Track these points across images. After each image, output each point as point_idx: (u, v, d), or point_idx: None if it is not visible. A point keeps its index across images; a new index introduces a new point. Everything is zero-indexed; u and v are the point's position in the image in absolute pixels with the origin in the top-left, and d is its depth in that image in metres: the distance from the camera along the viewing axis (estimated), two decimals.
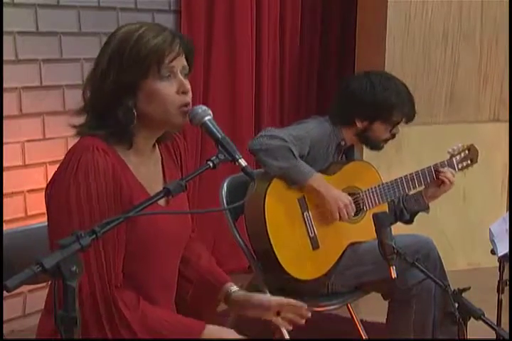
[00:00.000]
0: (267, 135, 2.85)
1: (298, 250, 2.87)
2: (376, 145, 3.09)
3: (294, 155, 2.82)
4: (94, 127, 1.80)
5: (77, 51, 3.74)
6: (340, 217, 2.90)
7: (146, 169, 1.89)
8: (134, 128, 1.81)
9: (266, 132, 2.89)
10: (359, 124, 3.00)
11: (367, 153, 3.61)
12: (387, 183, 3.03)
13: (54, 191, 1.76)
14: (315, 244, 2.89)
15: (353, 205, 2.93)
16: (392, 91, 2.98)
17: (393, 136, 3.08)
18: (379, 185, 3.02)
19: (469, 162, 3.16)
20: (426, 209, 3.13)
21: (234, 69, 4.52)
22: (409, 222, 3.16)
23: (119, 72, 1.76)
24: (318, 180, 2.87)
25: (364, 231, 2.92)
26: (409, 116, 3.05)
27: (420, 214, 3.17)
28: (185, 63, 1.83)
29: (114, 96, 1.77)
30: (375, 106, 2.96)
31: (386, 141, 3.08)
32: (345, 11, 5.09)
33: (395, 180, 3.03)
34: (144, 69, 1.76)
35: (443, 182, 3.04)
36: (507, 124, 4.64)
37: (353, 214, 2.93)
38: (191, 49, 1.86)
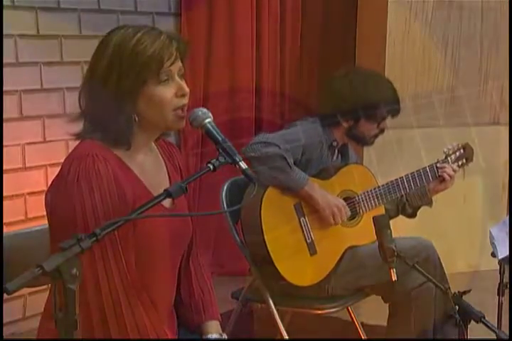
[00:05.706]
0: (261, 142, 2.82)
1: (295, 256, 2.85)
2: (366, 142, 3.09)
3: (287, 163, 2.81)
4: (92, 131, 1.80)
5: (78, 54, 3.73)
6: (334, 221, 2.90)
7: (150, 167, 1.89)
8: (134, 130, 1.81)
9: (260, 138, 2.85)
10: (345, 124, 3.00)
11: (367, 156, 3.61)
12: (383, 186, 3.02)
13: (57, 199, 1.76)
14: (312, 250, 2.88)
15: (347, 209, 2.93)
16: (370, 88, 2.96)
17: (382, 130, 3.07)
18: (374, 188, 3.01)
19: (464, 161, 3.16)
20: (429, 203, 3.14)
21: (234, 71, 4.52)
22: (412, 216, 3.16)
23: (118, 80, 1.76)
24: (312, 186, 2.87)
25: (361, 234, 2.92)
26: (394, 111, 3.03)
27: (420, 216, 3.16)
28: (180, 65, 1.83)
29: (114, 103, 1.76)
30: (355, 105, 2.95)
31: (376, 136, 3.07)
32: (346, 12, 5.08)
33: (391, 181, 3.02)
34: (144, 76, 1.76)
35: (444, 178, 3.05)
36: (507, 127, 4.63)
37: (345, 218, 2.93)
38: (186, 49, 1.85)
